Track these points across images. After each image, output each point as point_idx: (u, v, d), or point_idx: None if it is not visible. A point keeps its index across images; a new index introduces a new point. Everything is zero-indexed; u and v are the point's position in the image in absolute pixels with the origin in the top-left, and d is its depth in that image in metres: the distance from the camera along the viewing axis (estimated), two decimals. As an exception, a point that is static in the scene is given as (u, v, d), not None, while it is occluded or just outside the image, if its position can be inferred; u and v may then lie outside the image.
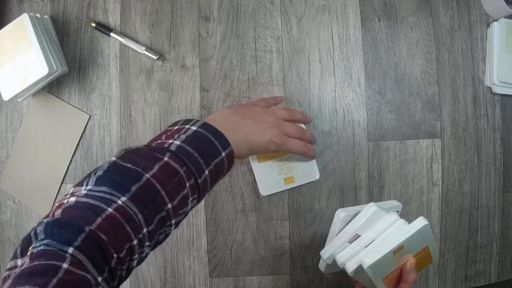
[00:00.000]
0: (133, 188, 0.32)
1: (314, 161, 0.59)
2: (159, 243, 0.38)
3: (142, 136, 0.61)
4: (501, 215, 0.64)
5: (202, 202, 0.62)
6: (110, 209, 0.30)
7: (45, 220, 0.30)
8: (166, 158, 0.35)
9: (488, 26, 0.63)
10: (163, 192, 0.34)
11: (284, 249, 0.62)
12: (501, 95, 0.63)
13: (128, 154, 0.35)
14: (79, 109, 0.61)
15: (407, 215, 0.63)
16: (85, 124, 0.61)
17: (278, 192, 0.60)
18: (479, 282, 0.64)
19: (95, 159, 0.61)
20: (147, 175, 0.33)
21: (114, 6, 0.61)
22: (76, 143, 0.61)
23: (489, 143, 0.64)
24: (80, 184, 0.33)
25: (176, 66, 0.61)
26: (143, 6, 0.61)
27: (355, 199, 0.62)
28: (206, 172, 0.38)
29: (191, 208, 0.39)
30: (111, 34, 0.60)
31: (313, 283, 0.62)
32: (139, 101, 0.61)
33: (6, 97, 0.56)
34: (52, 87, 0.61)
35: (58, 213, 0.30)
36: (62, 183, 0.61)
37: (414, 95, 0.63)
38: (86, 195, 0.31)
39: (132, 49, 0.61)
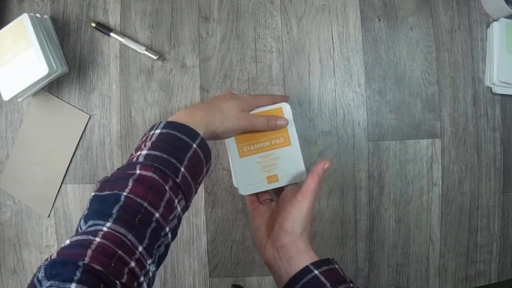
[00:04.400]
0: (114, 211, 0.33)
1: (301, 159, 0.50)
2: (162, 257, 0.37)
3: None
4: (501, 215, 0.64)
5: (202, 202, 0.62)
6: (97, 239, 0.31)
7: (43, 264, 0.31)
8: (137, 171, 0.35)
9: (488, 26, 0.64)
10: (145, 204, 0.34)
11: (284, 249, 0.62)
12: (501, 95, 0.63)
13: (103, 184, 0.36)
14: (79, 109, 0.61)
15: (407, 215, 0.63)
16: (85, 124, 0.61)
17: (260, 192, 0.52)
18: (479, 282, 0.64)
19: (95, 159, 0.61)
20: (125, 193, 0.34)
21: (114, 6, 0.61)
22: (76, 143, 0.61)
23: (489, 143, 0.64)
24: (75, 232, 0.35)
25: (176, 66, 0.61)
26: (143, 6, 0.61)
27: (355, 199, 0.62)
28: (182, 169, 0.38)
29: (182, 210, 0.39)
30: (111, 34, 0.60)
31: (313, 283, 0.62)
32: (139, 101, 0.61)
33: (6, 97, 0.56)
34: (52, 87, 0.61)
35: (54, 255, 0.31)
36: (62, 183, 0.61)
37: (414, 95, 0.63)
38: (76, 235, 0.33)
39: (132, 49, 0.61)
